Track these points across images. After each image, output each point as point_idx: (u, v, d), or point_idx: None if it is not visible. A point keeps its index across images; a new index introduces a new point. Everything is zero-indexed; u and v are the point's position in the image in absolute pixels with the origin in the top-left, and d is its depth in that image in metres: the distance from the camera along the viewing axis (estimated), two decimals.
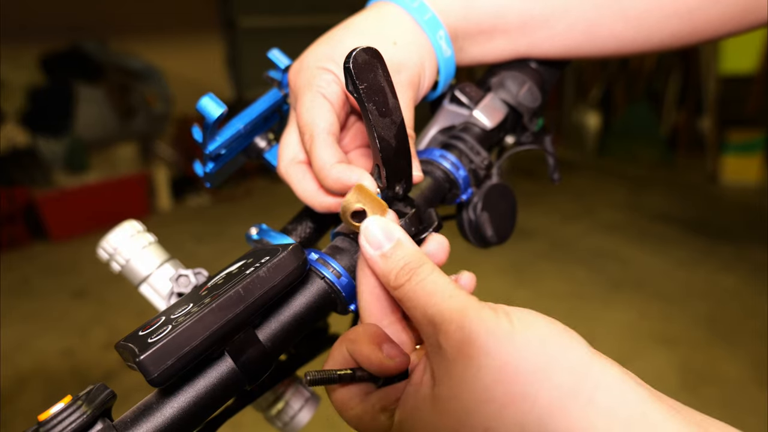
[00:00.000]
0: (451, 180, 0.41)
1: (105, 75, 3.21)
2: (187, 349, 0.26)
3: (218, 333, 0.27)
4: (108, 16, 3.54)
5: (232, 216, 3.35)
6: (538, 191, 3.60)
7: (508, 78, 0.46)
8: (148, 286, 0.37)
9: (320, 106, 0.37)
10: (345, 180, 0.34)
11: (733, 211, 3.20)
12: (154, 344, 0.25)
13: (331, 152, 0.36)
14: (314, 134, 0.36)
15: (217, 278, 0.32)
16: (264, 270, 0.28)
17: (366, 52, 0.30)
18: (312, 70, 0.38)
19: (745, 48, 3.47)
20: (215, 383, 0.29)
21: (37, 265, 2.79)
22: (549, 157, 0.49)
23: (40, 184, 3.04)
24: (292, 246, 0.30)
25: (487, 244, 0.44)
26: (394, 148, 0.32)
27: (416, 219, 0.35)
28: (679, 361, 1.91)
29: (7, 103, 2.98)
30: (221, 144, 0.39)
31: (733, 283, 2.39)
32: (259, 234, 0.41)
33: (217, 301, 0.27)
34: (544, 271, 2.56)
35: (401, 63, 0.39)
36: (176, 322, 0.27)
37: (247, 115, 0.41)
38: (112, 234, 0.37)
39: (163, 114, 3.46)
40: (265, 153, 0.45)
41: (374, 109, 0.30)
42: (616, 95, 4.15)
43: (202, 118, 0.35)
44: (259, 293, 0.28)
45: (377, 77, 0.30)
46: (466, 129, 0.44)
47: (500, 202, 0.44)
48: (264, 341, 0.31)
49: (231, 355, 0.29)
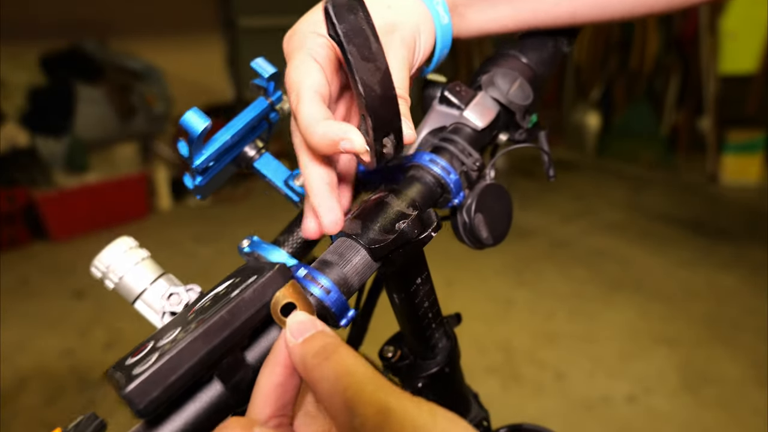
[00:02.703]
0: (443, 184, 0.40)
1: (105, 75, 3.21)
2: (173, 379, 0.25)
3: (204, 360, 0.26)
4: (108, 16, 3.54)
5: (232, 216, 3.35)
6: (537, 191, 3.60)
7: (499, 75, 0.45)
8: (143, 302, 0.37)
9: (309, 66, 0.36)
10: (332, 135, 0.32)
11: (733, 211, 3.20)
12: (139, 375, 0.25)
13: (318, 109, 0.34)
14: (300, 92, 0.35)
15: (205, 300, 0.31)
16: (250, 292, 0.28)
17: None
18: (304, 34, 0.37)
19: (745, 48, 3.46)
20: (205, 408, 0.28)
21: (37, 265, 2.79)
22: (543, 154, 0.48)
23: (40, 184, 3.04)
24: (278, 266, 0.29)
25: (482, 245, 0.43)
26: (379, 95, 0.30)
27: (418, 221, 0.35)
28: (679, 361, 1.91)
29: (7, 103, 2.98)
30: (208, 157, 0.39)
31: (733, 283, 2.39)
32: (250, 246, 0.40)
33: (202, 327, 0.26)
34: (544, 271, 2.56)
35: (394, 23, 0.38)
36: (162, 350, 0.26)
37: (234, 126, 0.40)
38: (104, 252, 0.37)
39: (163, 114, 3.45)
40: (255, 162, 0.44)
41: (355, 51, 0.29)
42: (616, 95, 4.15)
43: (186, 132, 0.35)
44: (245, 317, 0.27)
45: (358, 20, 0.29)
46: (456, 130, 0.43)
47: (495, 203, 0.43)
48: (253, 362, 0.30)
49: (220, 379, 0.28)
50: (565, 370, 1.89)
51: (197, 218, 3.37)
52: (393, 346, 0.50)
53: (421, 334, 0.46)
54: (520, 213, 3.24)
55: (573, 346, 2.01)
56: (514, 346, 2.03)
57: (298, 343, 0.28)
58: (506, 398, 1.77)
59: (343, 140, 0.32)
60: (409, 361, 0.49)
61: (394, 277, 0.42)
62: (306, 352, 0.28)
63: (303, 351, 0.28)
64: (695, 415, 1.67)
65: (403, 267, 0.40)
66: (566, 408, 1.73)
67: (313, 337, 0.28)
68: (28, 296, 2.49)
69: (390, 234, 0.34)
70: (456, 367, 0.51)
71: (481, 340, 2.05)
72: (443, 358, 0.48)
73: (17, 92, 3.01)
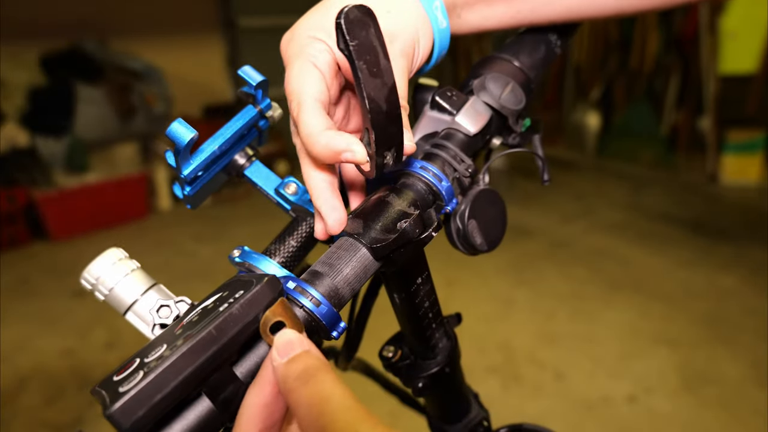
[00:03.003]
0: (434, 192, 0.39)
1: (105, 75, 3.21)
2: (159, 398, 0.24)
3: (191, 378, 0.25)
4: (108, 16, 3.54)
5: (232, 216, 3.35)
6: (537, 191, 3.60)
7: (490, 80, 0.45)
8: (133, 314, 0.37)
9: (309, 73, 0.35)
10: (334, 146, 0.32)
11: (733, 211, 3.20)
12: (124, 394, 0.24)
13: (320, 119, 0.34)
14: (302, 101, 0.35)
15: (193, 314, 0.31)
16: (237, 307, 0.27)
17: (359, 9, 0.29)
18: (303, 39, 0.37)
19: (745, 48, 3.46)
20: (193, 426, 0.28)
21: (37, 265, 2.79)
22: (537, 159, 0.48)
23: (40, 184, 3.04)
24: (267, 279, 0.29)
25: (476, 251, 0.43)
26: (384, 111, 0.30)
27: (420, 221, 0.35)
28: (679, 361, 1.91)
29: (7, 103, 2.98)
30: (196, 167, 0.39)
31: (733, 283, 2.39)
32: (241, 257, 0.40)
33: (188, 344, 0.25)
34: (544, 271, 2.56)
35: (395, 32, 0.38)
36: (148, 367, 0.25)
37: (221, 136, 0.40)
38: (93, 264, 0.37)
39: (163, 114, 3.45)
40: (246, 170, 0.44)
41: (365, 67, 0.29)
42: (616, 95, 4.15)
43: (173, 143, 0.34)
44: (232, 333, 0.27)
45: (369, 35, 0.29)
46: (448, 136, 0.43)
47: (488, 208, 0.43)
48: (243, 377, 0.30)
49: (208, 395, 0.28)
50: (565, 370, 1.89)
51: (197, 218, 3.37)
52: (393, 346, 0.50)
53: (422, 334, 0.46)
54: (521, 213, 3.25)
55: (573, 346, 2.01)
56: (514, 346, 2.03)
57: (282, 363, 0.28)
58: (506, 398, 1.77)
59: (346, 152, 0.32)
60: (410, 361, 0.49)
61: (394, 276, 0.42)
62: (288, 374, 0.27)
63: (285, 372, 0.28)
64: (695, 415, 1.66)
65: (404, 267, 0.40)
66: (566, 408, 1.73)
67: (296, 358, 0.28)
68: (28, 296, 2.49)
69: (391, 233, 0.34)
70: (456, 367, 0.51)
71: (481, 340, 2.05)
72: (443, 358, 0.48)
73: (17, 92, 3.01)
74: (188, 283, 2.51)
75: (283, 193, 0.44)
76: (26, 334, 2.19)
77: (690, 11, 3.61)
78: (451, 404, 0.54)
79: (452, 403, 0.54)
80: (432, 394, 0.50)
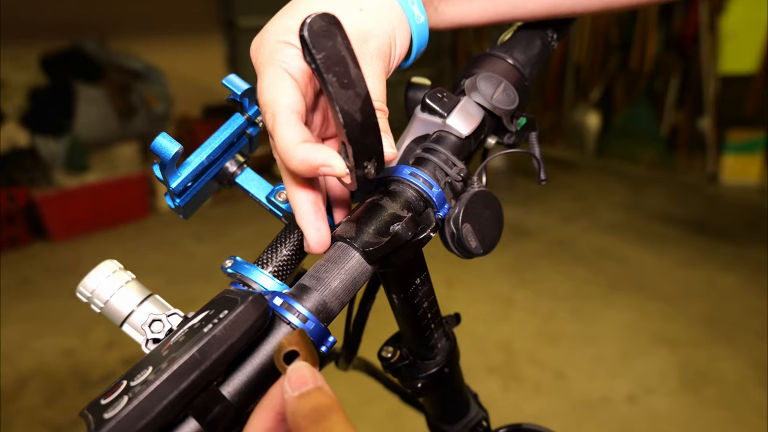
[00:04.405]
0: (425, 198, 0.38)
1: (105, 75, 3.21)
2: (143, 424, 0.24)
3: (175, 402, 0.25)
4: (108, 16, 3.54)
5: (233, 216, 3.35)
6: (537, 191, 3.60)
7: (481, 80, 0.44)
8: (129, 326, 0.37)
9: (282, 81, 0.34)
10: (311, 161, 0.31)
11: (733, 211, 3.20)
12: (109, 421, 0.24)
13: (296, 131, 0.32)
14: (276, 112, 0.33)
15: (180, 334, 0.31)
16: (220, 329, 0.27)
17: (322, 18, 0.27)
18: (273, 44, 0.35)
19: (745, 48, 3.47)
20: None
21: (37, 265, 2.79)
22: (533, 159, 0.47)
23: (40, 184, 3.04)
24: (251, 297, 0.28)
25: (472, 255, 0.42)
26: (359, 123, 0.29)
27: (413, 223, 0.35)
28: (679, 360, 1.91)
29: (7, 103, 2.98)
30: (185, 179, 0.39)
31: (733, 283, 2.39)
32: (233, 267, 0.39)
33: (172, 367, 0.25)
34: (544, 271, 2.56)
35: (369, 30, 0.36)
36: (132, 392, 0.26)
37: (209, 147, 0.40)
38: (87, 277, 0.37)
39: (163, 114, 3.46)
40: (237, 177, 0.44)
41: (335, 80, 0.28)
42: (616, 95, 4.15)
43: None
44: (216, 355, 0.26)
45: (336, 45, 0.28)
46: (439, 139, 0.42)
47: (483, 211, 0.42)
48: (230, 397, 0.29)
49: (195, 417, 0.28)
50: (565, 369, 1.89)
51: (197, 218, 3.37)
52: (392, 347, 0.50)
53: (421, 335, 0.46)
54: (521, 213, 3.25)
55: (573, 346, 2.01)
56: (514, 346, 2.03)
57: (293, 396, 0.28)
58: (506, 398, 1.77)
59: (324, 166, 0.31)
60: (409, 361, 0.49)
61: (392, 277, 0.42)
62: (298, 410, 0.27)
63: (295, 407, 0.27)
64: (695, 414, 1.66)
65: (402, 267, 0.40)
66: (566, 408, 1.73)
67: (308, 394, 0.28)
68: (28, 296, 2.49)
69: (384, 236, 0.34)
70: (455, 367, 0.51)
71: (481, 340, 2.05)
72: (442, 358, 0.48)
73: (17, 92, 3.01)
74: (188, 284, 2.51)
75: (275, 200, 0.44)
76: (26, 334, 2.19)
77: (690, 11, 3.61)
78: (450, 404, 0.54)
79: (451, 404, 0.54)
80: (431, 394, 0.50)
